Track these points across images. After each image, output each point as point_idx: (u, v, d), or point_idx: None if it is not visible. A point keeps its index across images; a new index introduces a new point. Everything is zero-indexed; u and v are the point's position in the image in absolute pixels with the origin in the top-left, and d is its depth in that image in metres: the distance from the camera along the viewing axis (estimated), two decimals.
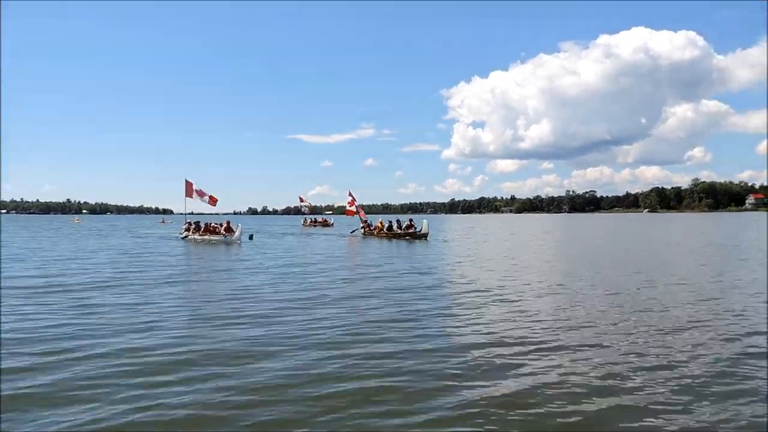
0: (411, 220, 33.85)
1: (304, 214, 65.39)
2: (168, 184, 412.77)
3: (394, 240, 31.21)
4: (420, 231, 31.41)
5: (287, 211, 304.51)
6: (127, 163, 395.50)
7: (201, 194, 32.05)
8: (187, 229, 31.65)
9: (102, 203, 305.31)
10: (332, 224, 56.61)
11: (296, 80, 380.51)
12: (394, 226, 33.68)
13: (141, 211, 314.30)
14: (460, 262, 17.98)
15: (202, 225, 31.04)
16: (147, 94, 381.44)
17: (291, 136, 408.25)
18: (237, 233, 28.16)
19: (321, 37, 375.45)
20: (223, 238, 28.35)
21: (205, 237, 29.47)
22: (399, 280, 12.82)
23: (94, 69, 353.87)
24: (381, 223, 35.45)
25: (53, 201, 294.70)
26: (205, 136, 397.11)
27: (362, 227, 36.74)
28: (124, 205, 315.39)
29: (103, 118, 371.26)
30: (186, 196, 31.56)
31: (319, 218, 65.15)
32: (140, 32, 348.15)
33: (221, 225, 30.01)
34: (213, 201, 32.49)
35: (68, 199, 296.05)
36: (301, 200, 65.62)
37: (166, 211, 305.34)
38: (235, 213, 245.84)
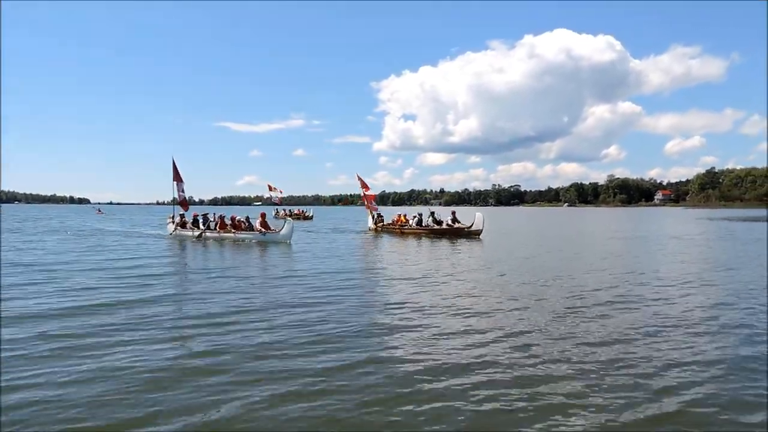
0: (454, 213, 27.63)
1: (273, 204, 59.93)
2: (81, 172, 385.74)
3: (424, 239, 25.04)
4: (471, 227, 26.05)
5: (215, 202, 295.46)
6: (33, 149, 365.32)
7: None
8: (182, 225, 26.28)
9: (9, 191, 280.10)
10: (311, 216, 54.05)
11: (224, 67, 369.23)
12: (426, 221, 27.81)
13: (54, 200, 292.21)
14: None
15: (213, 218, 25.41)
16: (58, 73, 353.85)
17: (218, 123, 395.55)
18: (286, 229, 22.46)
19: (249, 25, 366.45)
20: (260, 235, 22.82)
21: (227, 234, 23.63)
22: None
23: None
24: (403, 217, 29.37)
25: None
26: (126, 122, 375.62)
27: (376, 222, 30.81)
28: (35, 193, 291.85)
29: (6, 100, 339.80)
30: (174, 180, 26.19)
31: (296, 209, 60.31)
32: (52, 10, 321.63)
33: (246, 219, 24.48)
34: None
35: None
36: (271, 189, 57.96)
37: (82, 200, 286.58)
38: (158, 203, 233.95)
